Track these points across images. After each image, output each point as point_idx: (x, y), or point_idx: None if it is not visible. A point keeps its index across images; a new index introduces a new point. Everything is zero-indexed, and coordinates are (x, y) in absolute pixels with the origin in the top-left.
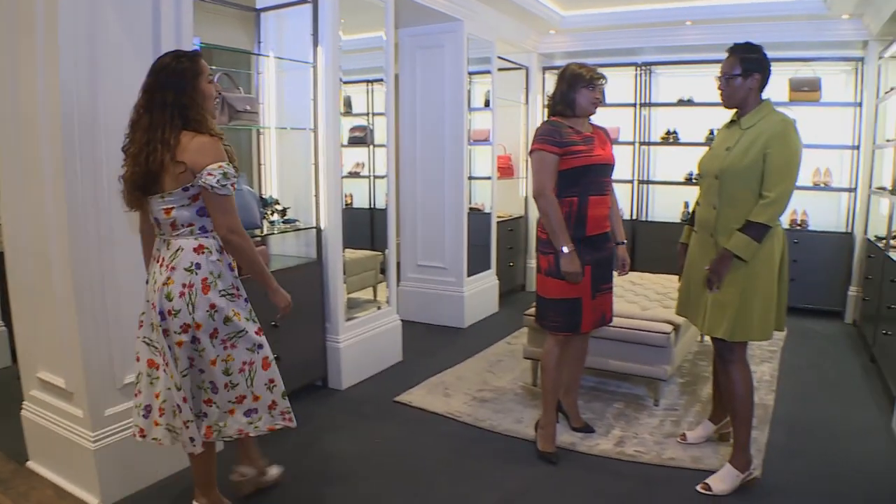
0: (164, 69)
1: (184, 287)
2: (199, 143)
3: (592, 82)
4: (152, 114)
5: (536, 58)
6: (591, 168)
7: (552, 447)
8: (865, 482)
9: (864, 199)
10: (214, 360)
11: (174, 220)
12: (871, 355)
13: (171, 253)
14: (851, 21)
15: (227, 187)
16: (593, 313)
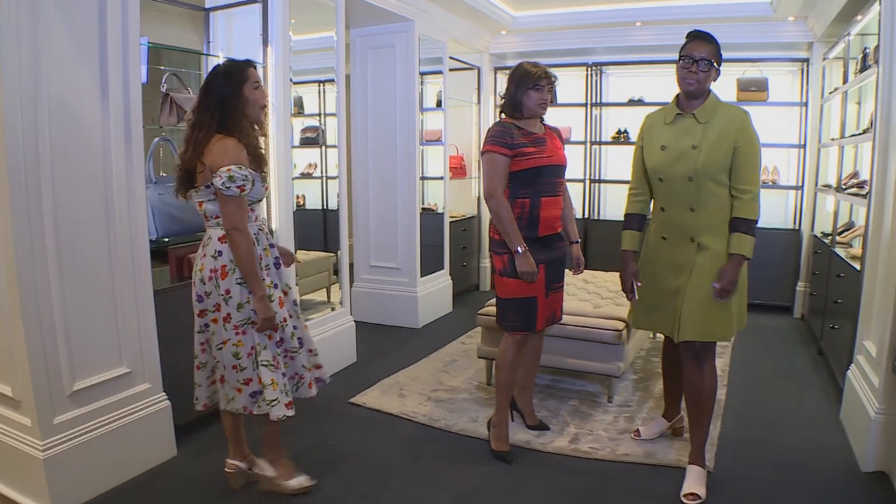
0: (215, 74)
1: (212, 272)
2: (221, 146)
3: (538, 83)
4: (198, 115)
5: (488, 58)
6: (544, 169)
7: (506, 446)
8: (815, 471)
9: (810, 197)
10: (226, 342)
11: (205, 212)
12: (818, 348)
13: (204, 241)
14: (797, 23)
15: (232, 189)
16: (546, 311)
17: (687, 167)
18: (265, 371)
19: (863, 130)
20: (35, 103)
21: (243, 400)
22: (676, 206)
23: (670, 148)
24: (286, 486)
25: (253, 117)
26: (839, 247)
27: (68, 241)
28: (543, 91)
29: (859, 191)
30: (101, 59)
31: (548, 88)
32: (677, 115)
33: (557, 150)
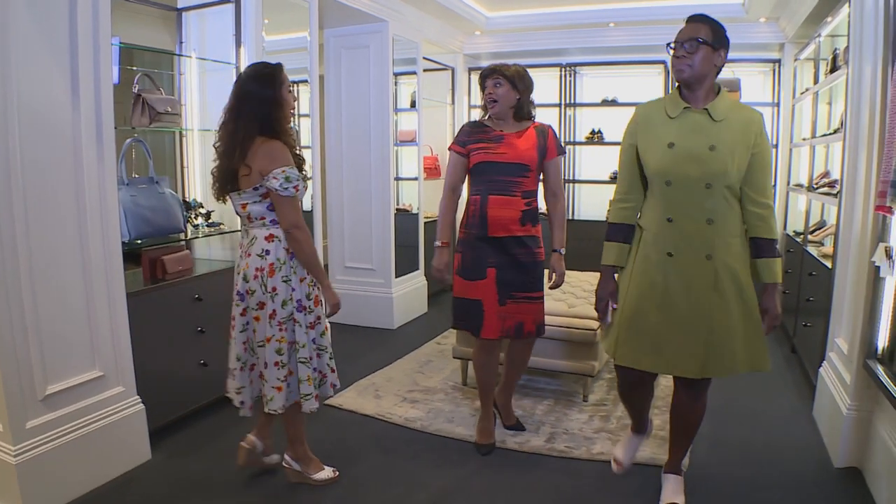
0: (249, 77)
1: (257, 270)
2: (268, 149)
3: (484, 81)
4: (236, 119)
5: (462, 58)
6: (491, 166)
7: (485, 439)
8: (789, 467)
9: (782, 196)
10: (269, 338)
11: (249, 214)
12: (791, 346)
13: (248, 241)
14: (768, 24)
15: (290, 189)
16: (500, 321)
17: (704, 171)
18: (302, 367)
19: (833, 130)
20: (4, 104)
21: (282, 399)
22: (689, 217)
23: (680, 147)
24: (314, 480)
25: (287, 118)
26: (811, 245)
27: (39, 242)
28: (488, 88)
29: (830, 190)
30: (72, 59)
31: (492, 84)
32: (685, 109)
33: (518, 148)
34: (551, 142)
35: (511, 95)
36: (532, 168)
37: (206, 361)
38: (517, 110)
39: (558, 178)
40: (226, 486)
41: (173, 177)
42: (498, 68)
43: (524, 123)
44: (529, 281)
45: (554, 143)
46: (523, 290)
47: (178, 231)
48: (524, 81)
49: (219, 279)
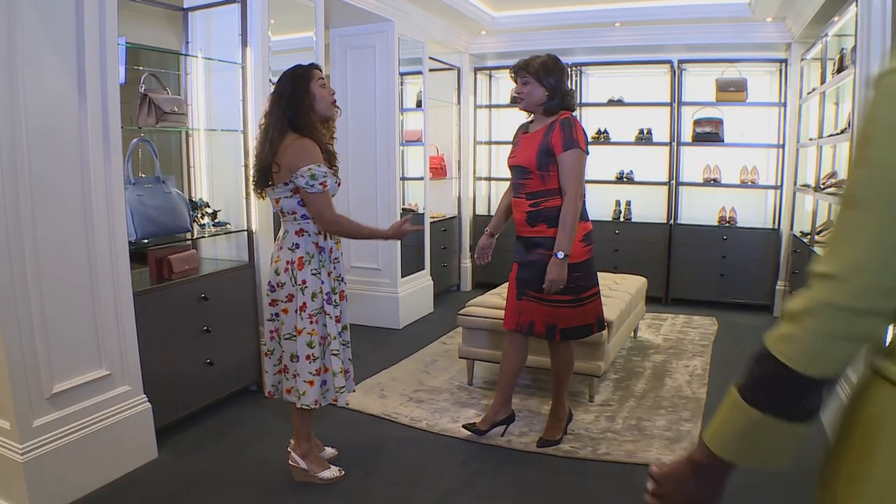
0: (282, 78)
1: (288, 264)
2: (297, 147)
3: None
4: (269, 118)
5: (468, 58)
6: (511, 170)
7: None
8: (794, 469)
9: (789, 196)
10: (301, 331)
11: (282, 208)
12: None
13: (281, 234)
14: (774, 24)
15: (316, 186)
16: (517, 315)
17: None
18: (334, 360)
19: (840, 130)
20: (11, 103)
21: (315, 394)
22: None
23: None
24: (319, 479)
25: (322, 113)
26: (818, 246)
27: (46, 242)
28: (516, 86)
29: (837, 190)
30: (79, 59)
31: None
32: None
33: (523, 151)
34: (555, 138)
35: (538, 92)
36: (532, 169)
37: (212, 360)
38: (548, 106)
39: (564, 175)
40: (232, 484)
41: (179, 176)
42: (524, 65)
43: (550, 119)
44: (536, 280)
45: (559, 138)
46: (535, 290)
47: (185, 230)
48: (552, 75)
49: (225, 278)
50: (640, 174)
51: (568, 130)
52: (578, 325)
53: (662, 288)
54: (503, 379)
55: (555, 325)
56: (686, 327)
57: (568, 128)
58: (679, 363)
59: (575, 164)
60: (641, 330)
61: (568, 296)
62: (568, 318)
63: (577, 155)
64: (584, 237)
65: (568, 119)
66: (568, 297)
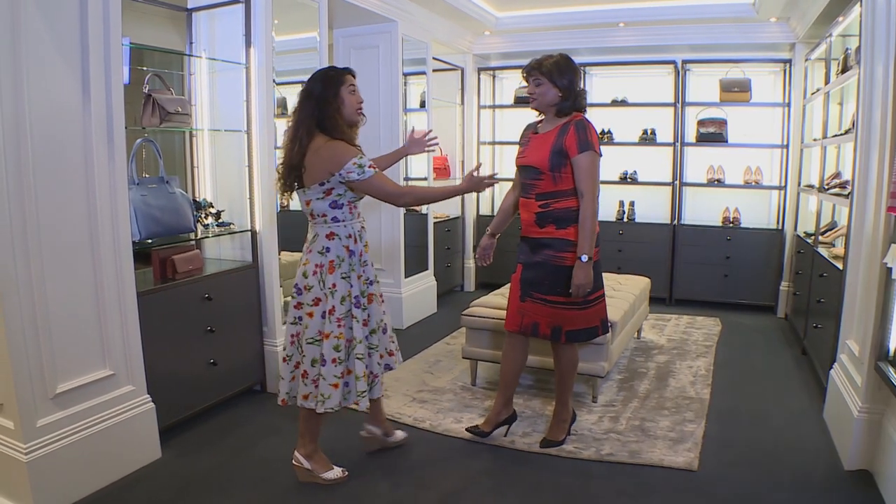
0: (313, 79)
1: (317, 267)
2: (331, 149)
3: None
4: (298, 118)
5: (472, 59)
6: (519, 169)
7: (484, 426)
8: (799, 469)
9: (793, 197)
10: (328, 335)
11: (312, 211)
12: (802, 348)
13: (310, 237)
14: (779, 24)
15: (367, 170)
16: (520, 316)
17: None
18: (359, 364)
19: (845, 131)
20: (16, 104)
21: (338, 397)
22: None
23: None
24: (323, 479)
25: (348, 118)
26: (822, 246)
27: (51, 242)
28: (529, 86)
29: (842, 191)
30: (83, 59)
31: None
32: None
33: (534, 151)
34: (570, 139)
35: (551, 93)
36: (543, 170)
37: (215, 361)
38: (561, 107)
39: (581, 178)
40: (235, 484)
41: (183, 177)
42: (537, 65)
43: (562, 119)
44: (548, 283)
45: (574, 140)
46: (541, 292)
47: (189, 231)
48: (566, 75)
49: (229, 279)
50: (643, 174)
51: (583, 132)
52: (584, 327)
53: (666, 288)
54: (504, 380)
55: (560, 326)
56: (690, 328)
57: (583, 130)
58: (683, 364)
59: (591, 166)
60: (645, 330)
61: (566, 297)
62: (574, 320)
63: (592, 157)
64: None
65: (582, 121)
66: (576, 300)
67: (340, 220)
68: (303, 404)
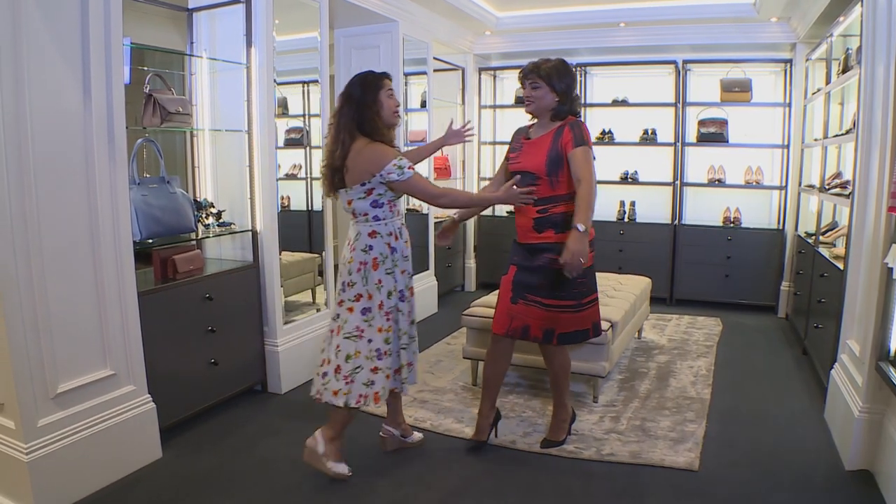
0: (354, 81)
1: (361, 265)
2: (370, 152)
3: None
4: (339, 120)
5: (472, 59)
6: (514, 175)
7: (475, 435)
8: (799, 470)
9: (794, 197)
10: (381, 329)
11: (354, 210)
12: (803, 348)
13: (353, 236)
14: (779, 24)
15: (406, 171)
16: (509, 319)
17: None
18: (404, 353)
19: (846, 131)
20: (17, 104)
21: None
22: None
23: None
24: (328, 468)
25: (386, 120)
26: (823, 246)
27: (52, 242)
28: (526, 90)
29: (842, 191)
30: (84, 59)
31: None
32: None
33: (529, 157)
34: (566, 138)
35: (549, 97)
36: (540, 175)
37: (216, 361)
38: (557, 112)
39: (579, 166)
40: (236, 484)
41: (184, 176)
42: (535, 68)
43: (556, 124)
44: (543, 285)
45: (570, 138)
46: (536, 294)
47: (189, 231)
48: (564, 80)
49: (229, 279)
50: (644, 174)
51: (578, 130)
52: (576, 329)
53: (667, 288)
54: (488, 384)
55: (553, 329)
56: (690, 328)
57: (577, 128)
58: (683, 364)
59: (585, 158)
60: (646, 330)
61: (571, 301)
62: (567, 322)
63: (587, 151)
64: (589, 244)
65: (576, 122)
66: (571, 303)
67: (381, 218)
68: (331, 400)
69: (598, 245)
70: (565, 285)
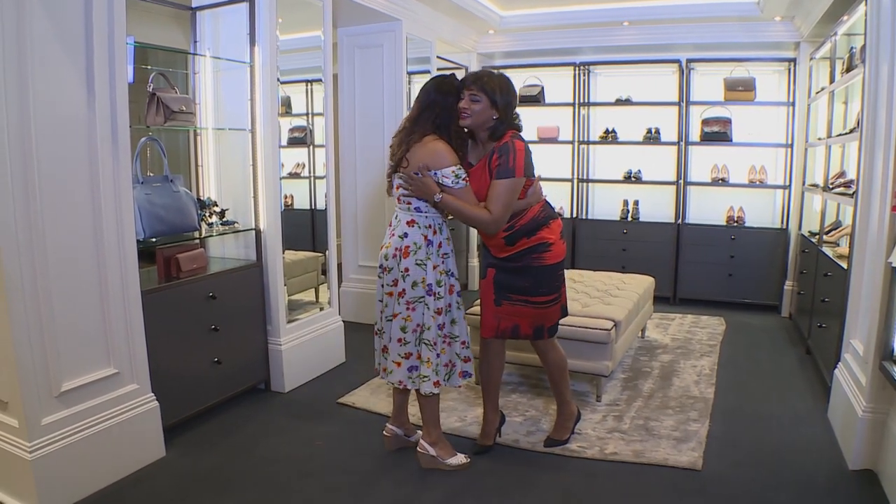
0: (434, 88)
1: (396, 250)
2: (434, 149)
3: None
4: (414, 124)
5: (476, 58)
6: None
7: (481, 440)
8: (803, 469)
9: (797, 196)
10: (396, 315)
11: (399, 195)
12: (806, 347)
13: (394, 222)
14: (783, 23)
15: (461, 182)
16: (496, 321)
17: None
18: (424, 349)
19: (849, 130)
20: (21, 103)
21: (400, 374)
22: None
23: None
24: (447, 464)
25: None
26: (826, 246)
27: (55, 241)
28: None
29: (846, 190)
30: (88, 58)
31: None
32: None
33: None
34: (493, 164)
35: (488, 113)
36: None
37: (219, 359)
38: (493, 131)
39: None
40: (239, 483)
41: (188, 175)
42: (477, 79)
43: (491, 145)
44: (527, 285)
45: (496, 164)
46: (520, 294)
47: (193, 229)
48: (505, 96)
49: (233, 277)
50: (647, 174)
51: (505, 156)
52: (557, 319)
53: (670, 288)
54: (487, 387)
55: (542, 324)
56: (694, 327)
57: (505, 153)
58: (687, 363)
59: (504, 192)
60: (649, 330)
61: (553, 294)
62: (552, 315)
63: (509, 185)
64: (560, 233)
65: (507, 144)
66: (552, 297)
67: (423, 210)
68: (384, 377)
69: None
70: (550, 280)
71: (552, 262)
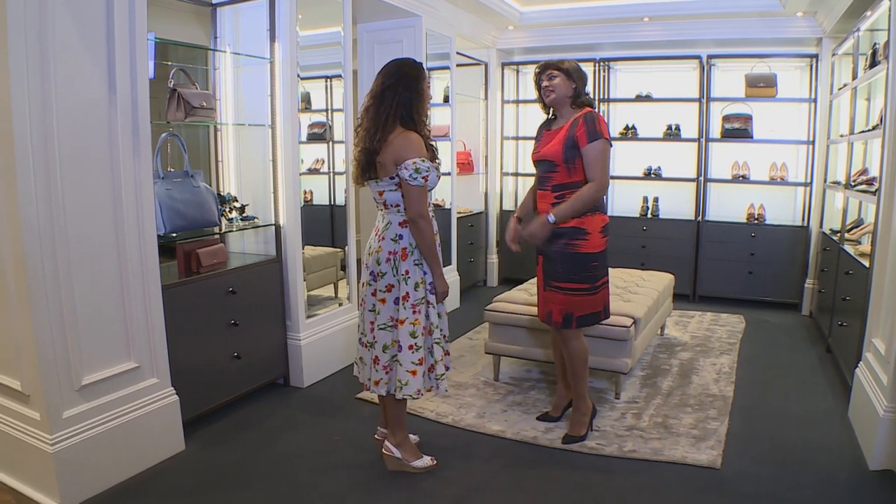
0: (397, 67)
1: (390, 254)
2: (404, 141)
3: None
4: (379, 104)
5: (495, 53)
6: (536, 164)
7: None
8: (823, 468)
9: (819, 194)
10: (403, 321)
11: (385, 201)
12: (826, 346)
13: (383, 226)
14: (805, 19)
15: (418, 179)
16: (544, 305)
17: None
18: (437, 348)
19: (872, 127)
20: (43, 99)
21: (417, 383)
22: None
23: None
24: (413, 467)
25: (424, 111)
26: (848, 244)
27: (77, 236)
28: (543, 82)
29: (868, 188)
30: (109, 54)
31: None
32: None
33: (548, 145)
34: (580, 130)
35: (567, 84)
36: (558, 162)
37: (239, 354)
38: (575, 98)
39: (589, 165)
40: (257, 477)
41: (208, 171)
42: (550, 63)
43: (575, 113)
44: (558, 270)
45: (584, 131)
46: (554, 279)
47: (213, 224)
48: (576, 70)
49: (253, 273)
50: (668, 170)
51: (591, 123)
52: (591, 312)
53: (690, 285)
54: (557, 367)
55: (572, 313)
56: (713, 325)
57: (591, 121)
58: (706, 361)
59: (599, 154)
60: (668, 327)
61: (585, 284)
62: (583, 305)
63: (601, 146)
64: (603, 229)
65: (591, 113)
66: (585, 286)
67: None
68: (374, 390)
69: (621, 241)
70: (581, 268)
71: (585, 251)
